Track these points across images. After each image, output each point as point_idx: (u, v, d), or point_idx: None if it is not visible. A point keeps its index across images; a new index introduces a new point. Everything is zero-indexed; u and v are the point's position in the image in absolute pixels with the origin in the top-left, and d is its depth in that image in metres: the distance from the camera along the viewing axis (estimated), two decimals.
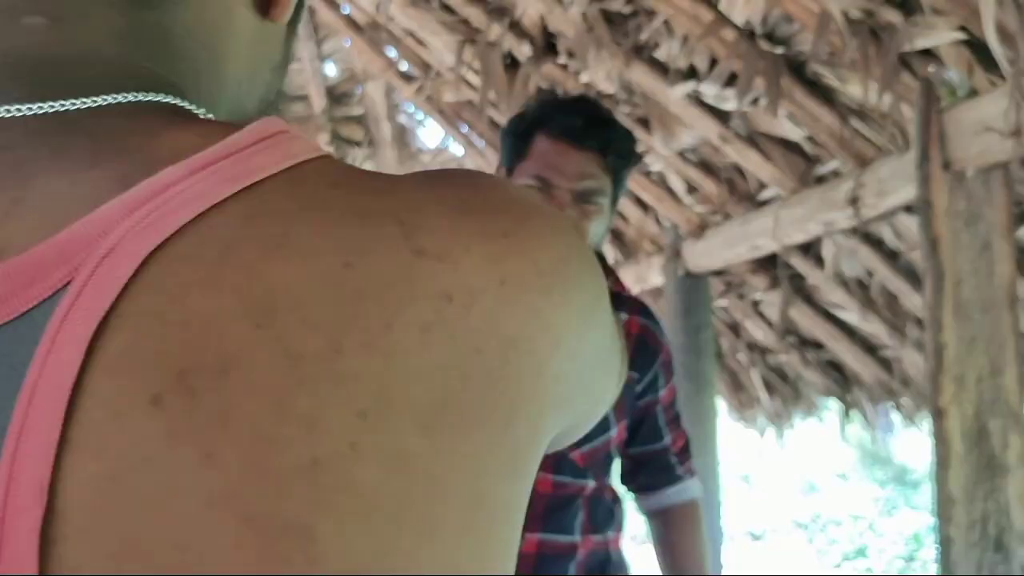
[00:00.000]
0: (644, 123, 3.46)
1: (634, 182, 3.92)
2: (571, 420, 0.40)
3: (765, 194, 3.33)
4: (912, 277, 3.06)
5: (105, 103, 0.38)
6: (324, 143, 5.20)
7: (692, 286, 3.91)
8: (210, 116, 0.41)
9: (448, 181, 0.36)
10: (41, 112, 0.37)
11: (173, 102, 0.40)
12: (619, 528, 1.76)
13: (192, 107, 0.41)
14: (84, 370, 0.29)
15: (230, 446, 0.28)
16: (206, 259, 0.31)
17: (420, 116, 5.21)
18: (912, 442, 9.61)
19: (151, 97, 0.39)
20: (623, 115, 3.43)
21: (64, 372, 0.29)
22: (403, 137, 5.32)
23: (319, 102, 5.09)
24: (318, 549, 0.28)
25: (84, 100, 0.37)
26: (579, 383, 0.38)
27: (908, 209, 2.65)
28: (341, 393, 0.30)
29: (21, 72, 0.39)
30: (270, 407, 0.29)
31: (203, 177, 0.33)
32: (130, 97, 0.38)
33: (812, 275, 3.47)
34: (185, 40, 0.43)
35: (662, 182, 3.84)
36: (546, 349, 0.35)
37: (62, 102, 0.37)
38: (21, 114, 0.37)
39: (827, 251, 3.24)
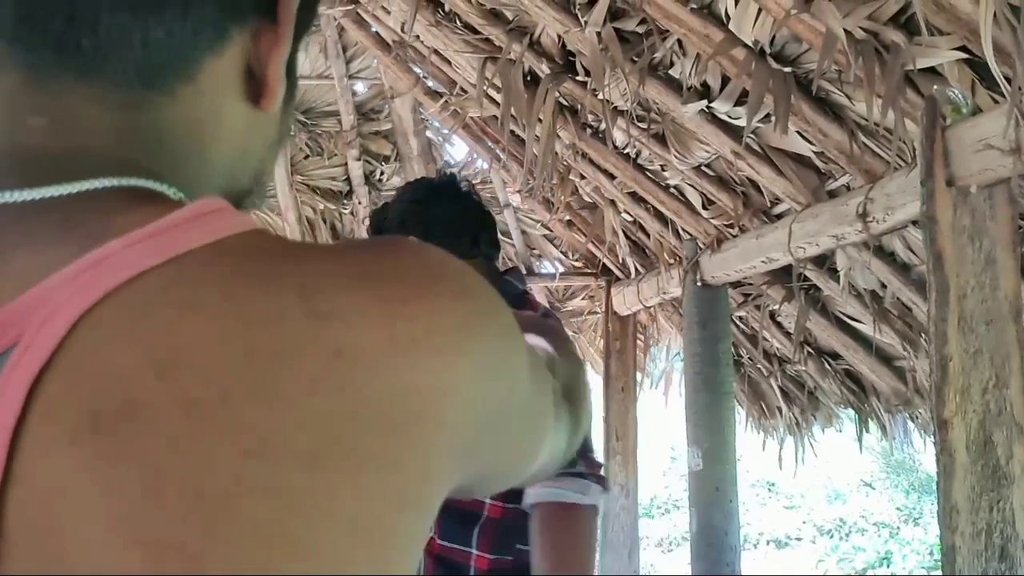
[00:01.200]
0: (661, 139, 3.53)
1: (653, 196, 3.99)
2: (481, 470, 0.44)
3: (779, 208, 3.39)
4: (925, 289, 3.11)
5: (84, 189, 0.43)
6: (353, 158, 5.31)
7: (710, 297, 3.97)
8: (181, 196, 0.46)
9: (362, 251, 0.41)
10: (30, 199, 0.42)
11: (146, 185, 0.45)
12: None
13: (164, 188, 0.45)
14: (25, 414, 0.35)
15: (130, 479, 0.33)
16: (124, 319, 0.36)
17: (446, 131, 5.30)
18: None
19: (126, 182, 0.44)
20: (640, 132, 3.50)
21: (8, 416, 0.35)
22: (430, 151, 5.42)
23: (348, 118, 5.20)
24: (201, 569, 0.33)
25: (69, 186, 0.43)
26: (484, 435, 0.42)
27: (916, 223, 2.71)
28: (229, 435, 0.34)
29: (19, 164, 0.45)
30: (166, 446, 0.34)
31: (138, 250, 0.38)
32: (107, 183, 0.43)
33: (827, 287, 3.53)
34: (171, 134, 0.47)
35: (680, 195, 3.91)
36: (436, 401, 0.38)
37: (48, 189, 0.42)
38: (13, 199, 0.42)
39: (841, 263, 3.29)
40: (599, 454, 5.68)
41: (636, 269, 5.05)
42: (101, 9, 0.44)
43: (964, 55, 2.22)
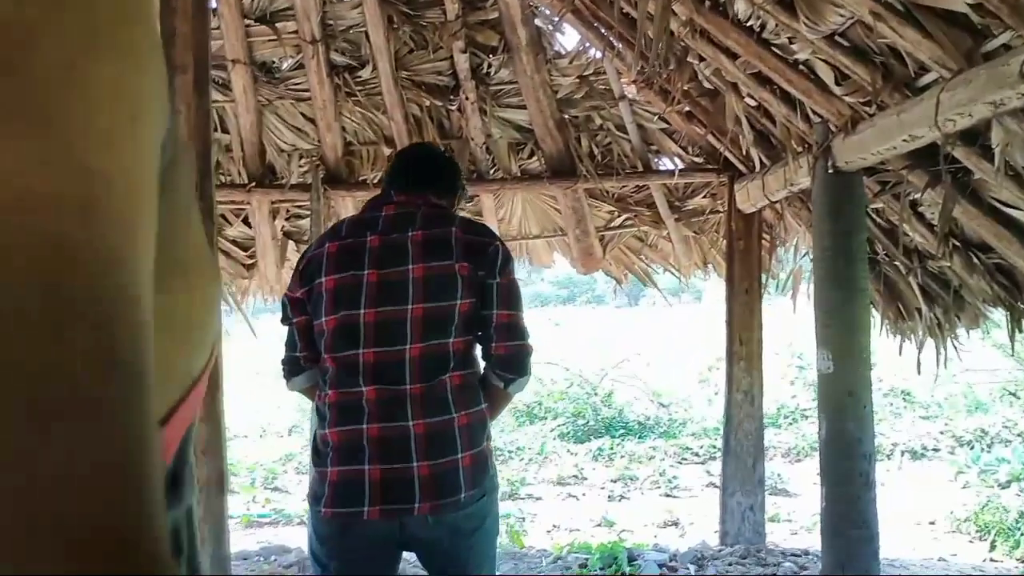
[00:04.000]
0: (788, 5, 3.17)
1: (780, 75, 3.63)
2: None
3: (924, 79, 3.01)
4: None
5: None
6: (459, 50, 5.06)
7: (843, 185, 3.62)
8: None
9: None
10: None
11: None
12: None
13: None
14: None
15: None
16: None
17: (555, 19, 5.00)
18: None
19: None
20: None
21: None
22: (539, 41, 5.13)
23: (453, 7, 4.95)
24: None
25: None
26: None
27: None
28: None
29: None
30: None
31: None
32: None
33: (978, 168, 3.13)
34: None
35: (810, 73, 3.54)
36: None
37: None
38: None
39: (996, 138, 2.90)
40: (722, 361, 5.42)
41: (761, 161, 4.70)
42: None
43: None
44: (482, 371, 2.32)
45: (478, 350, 2.33)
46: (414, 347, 2.17)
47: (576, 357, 11.53)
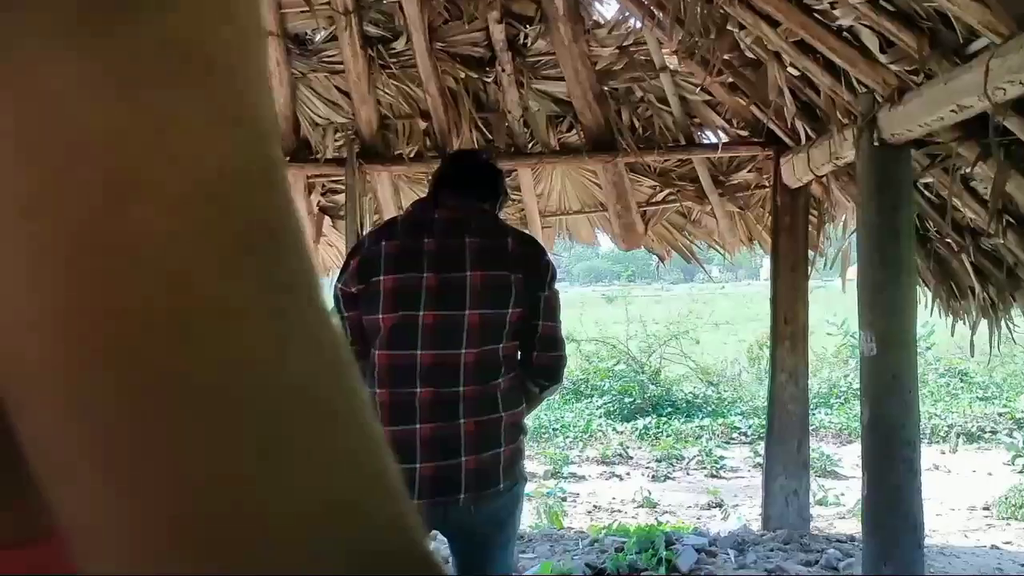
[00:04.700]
0: None
1: (823, 42, 3.46)
2: None
3: (974, 45, 2.82)
4: None
5: None
6: (495, 21, 4.93)
7: (889, 158, 3.44)
8: None
9: None
10: None
11: None
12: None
13: None
14: None
15: None
16: None
17: None
18: None
19: None
20: None
21: None
22: (577, 11, 4.97)
23: None
24: None
25: None
26: None
27: None
28: None
29: None
30: None
31: None
32: None
33: None
34: None
35: (854, 40, 3.36)
36: None
37: None
38: None
39: None
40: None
41: (806, 134, 4.52)
42: None
43: None
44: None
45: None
46: (469, 352, 2.29)
47: (626, 334, 11.38)
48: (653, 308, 15.42)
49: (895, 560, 3.41)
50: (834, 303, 8.56)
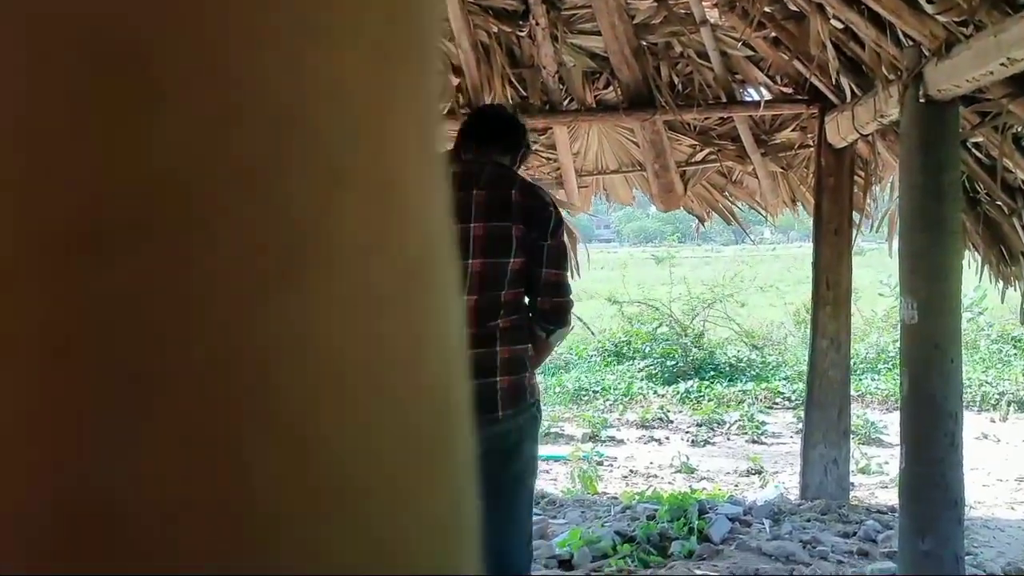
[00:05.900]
0: None
1: None
2: None
3: None
4: None
5: None
6: None
7: (935, 115, 3.26)
8: None
9: None
10: None
11: None
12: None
13: None
14: None
15: None
16: None
17: None
18: None
19: None
20: None
21: None
22: None
23: None
24: None
25: None
26: None
27: None
28: None
29: None
30: None
31: None
32: None
33: None
34: None
35: None
36: None
37: None
38: None
39: None
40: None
41: (852, 91, 4.33)
42: None
43: None
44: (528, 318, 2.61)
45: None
46: (471, 298, 2.42)
47: (670, 295, 11.21)
48: (702, 269, 15.23)
49: (933, 534, 3.28)
50: (889, 265, 8.33)
